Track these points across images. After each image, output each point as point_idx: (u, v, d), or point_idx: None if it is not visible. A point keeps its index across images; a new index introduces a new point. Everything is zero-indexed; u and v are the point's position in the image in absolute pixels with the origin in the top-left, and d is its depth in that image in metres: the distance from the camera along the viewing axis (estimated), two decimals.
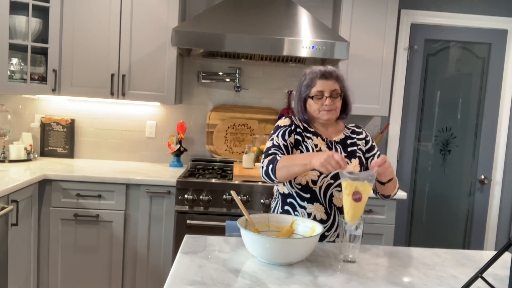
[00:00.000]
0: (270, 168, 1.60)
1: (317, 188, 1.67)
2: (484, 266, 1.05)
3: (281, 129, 1.74)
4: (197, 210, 2.61)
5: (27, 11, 2.72)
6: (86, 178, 2.62)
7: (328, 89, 1.69)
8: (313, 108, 1.72)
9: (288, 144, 1.70)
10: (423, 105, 3.37)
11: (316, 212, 1.66)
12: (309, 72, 1.75)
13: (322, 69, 1.72)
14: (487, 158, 3.39)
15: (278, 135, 1.72)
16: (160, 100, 2.92)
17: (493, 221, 3.40)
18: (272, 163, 1.60)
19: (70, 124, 3.20)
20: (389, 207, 2.72)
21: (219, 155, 3.23)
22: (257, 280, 1.22)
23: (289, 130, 1.73)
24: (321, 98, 1.70)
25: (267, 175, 1.62)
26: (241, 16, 2.77)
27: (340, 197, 1.68)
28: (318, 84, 1.70)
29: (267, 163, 1.62)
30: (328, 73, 1.70)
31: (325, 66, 1.75)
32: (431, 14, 3.26)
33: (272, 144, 1.71)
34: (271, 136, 1.75)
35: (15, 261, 2.37)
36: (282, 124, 1.76)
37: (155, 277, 2.70)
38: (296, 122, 1.77)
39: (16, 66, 2.82)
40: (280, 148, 1.68)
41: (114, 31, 2.85)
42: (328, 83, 1.70)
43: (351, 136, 1.81)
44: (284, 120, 1.78)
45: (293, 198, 1.71)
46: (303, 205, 1.69)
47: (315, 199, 1.68)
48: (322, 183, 1.67)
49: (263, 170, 1.64)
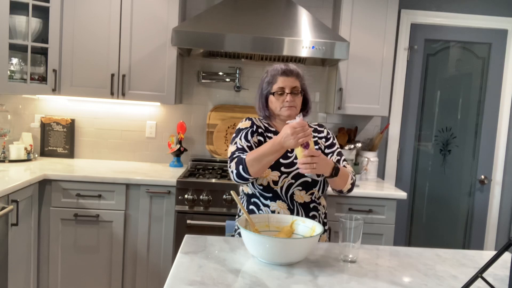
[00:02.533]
0: (241, 169, 1.58)
1: (279, 188, 1.69)
2: (484, 266, 1.05)
3: (243, 131, 1.75)
4: (197, 210, 2.61)
5: (27, 11, 2.72)
6: (86, 178, 2.62)
7: (289, 86, 1.72)
8: (274, 104, 1.75)
9: (252, 145, 1.71)
10: (423, 105, 3.37)
11: (280, 209, 1.68)
12: (271, 69, 1.77)
13: (283, 66, 1.75)
14: (487, 158, 3.39)
15: (241, 137, 1.73)
16: (160, 100, 2.92)
17: (493, 221, 3.40)
18: (240, 163, 1.59)
19: (70, 124, 3.20)
20: (389, 207, 2.72)
21: (219, 155, 3.23)
22: (257, 280, 1.22)
23: (251, 131, 1.74)
24: (282, 94, 1.72)
25: (240, 176, 1.60)
26: (241, 16, 2.77)
27: (301, 195, 1.70)
28: (279, 81, 1.73)
29: (235, 166, 1.61)
30: (289, 70, 1.74)
31: (286, 64, 1.77)
32: (431, 14, 3.26)
33: (236, 147, 1.70)
34: (234, 139, 1.74)
35: (15, 261, 2.37)
36: (243, 126, 1.77)
37: (155, 277, 2.70)
38: (256, 122, 1.79)
39: (16, 66, 2.82)
40: (244, 150, 1.68)
41: (114, 31, 2.85)
42: (289, 80, 1.73)
43: (313, 135, 1.82)
44: (245, 122, 1.79)
45: (256, 198, 1.73)
46: (267, 204, 1.70)
47: (277, 197, 1.69)
48: (283, 183, 1.68)
49: (233, 174, 1.61)
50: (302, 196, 1.70)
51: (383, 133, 3.25)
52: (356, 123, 3.32)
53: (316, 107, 3.30)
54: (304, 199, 1.70)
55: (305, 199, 1.70)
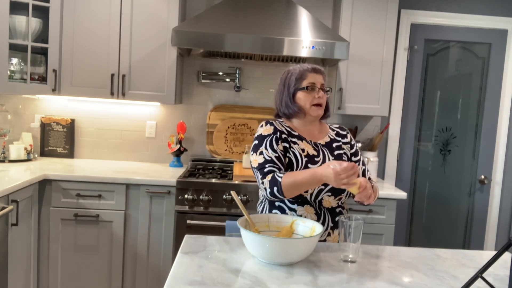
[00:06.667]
0: (275, 190, 1.55)
1: (308, 194, 1.66)
2: (484, 266, 1.05)
3: (267, 138, 1.67)
4: (197, 210, 2.61)
5: (27, 11, 2.72)
6: (86, 178, 2.62)
7: (319, 82, 1.72)
8: (303, 100, 1.70)
9: (279, 155, 1.65)
10: (423, 105, 3.37)
11: (307, 214, 1.65)
12: (297, 67, 1.75)
13: (312, 65, 1.74)
14: (487, 158, 3.39)
15: (267, 146, 1.66)
16: (160, 100, 2.92)
17: (493, 221, 3.40)
18: (275, 184, 1.55)
19: (70, 124, 3.20)
20: (389, 207, 2.72)
21: (219, 155, 3.23)
22: (257, 280, 1.22)
23: (276, 138, 1.67)
24: (313, 90, 1.70)
25: (273, 196, 1.57)
26: (241, 16, 2.77)
27: (329, 200, 1.68)
28: (309, 77, 1.71)
29: (269, 185, 1.57)
30: (318, 68, 1.74)
31: None
32: (431, 14, 3.26)
33: (264, 159, 1.63)
34: (258, 148, 1.67)
35: (15, 261, 2.37)
36: (266, 133, 1.69)
37: (155, 277, 2.70)
38: (278, 127, 1.71)
39: (16, 66, 2.82)
40: (274, 163, 1.62)
41: (114, 31, 2.85)
42: (319, 77, 1.72)
43: (336, 139, 1.80)
44: (266, 127, 1.71)
45: (282, 202, 1.69)
46: (293, 208, 1.67)
47: (305, 202, 1.67)
48: (313, 189, 1.65)
49: (267, 192, 1.58)
50: (331, 201, 1.67)
51: (383, 133, 3.25)
52: (356, 123, 3.32)
53: None
54: (331, 204, 1.68)
55: (332, 204, 1.68)
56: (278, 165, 1.63)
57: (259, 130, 1.72)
